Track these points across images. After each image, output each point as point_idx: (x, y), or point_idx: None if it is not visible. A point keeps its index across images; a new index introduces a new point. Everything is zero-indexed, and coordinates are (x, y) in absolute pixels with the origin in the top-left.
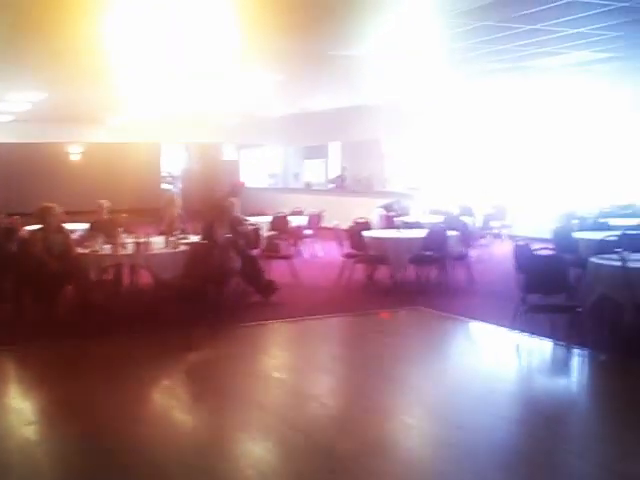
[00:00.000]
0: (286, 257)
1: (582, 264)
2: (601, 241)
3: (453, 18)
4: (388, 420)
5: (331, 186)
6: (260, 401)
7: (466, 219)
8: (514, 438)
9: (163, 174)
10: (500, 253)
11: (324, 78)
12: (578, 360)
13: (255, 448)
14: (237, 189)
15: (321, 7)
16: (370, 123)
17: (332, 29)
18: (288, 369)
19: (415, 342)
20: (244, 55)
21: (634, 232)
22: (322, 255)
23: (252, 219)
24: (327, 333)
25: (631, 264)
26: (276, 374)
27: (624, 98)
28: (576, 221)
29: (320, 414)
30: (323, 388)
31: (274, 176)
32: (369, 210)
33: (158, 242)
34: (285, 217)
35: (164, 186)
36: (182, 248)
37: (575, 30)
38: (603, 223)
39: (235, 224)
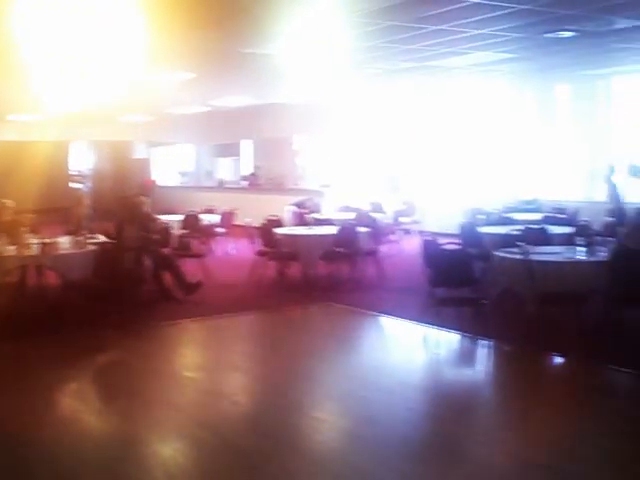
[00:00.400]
0: (198, 255)
1: (487, 258)
2: (505, 235)
3: (361, 18)
4: (300, 416)
5: (244, 184)
6: (171, 401)
7: (376, 215)
8: (423, 429)
9: (72, 173)
10: (409, 248)
11: (235, 76)
12: (483, 351)
13: (165, 449)
14: (148, 187)
15: (232, 5)
16: (282, 121)
17: (243, 27)
18: (199, 368)
19: (326, 337)
20: (154, 52)
21: (536, 226)
22: (234, 253)
23: (163, 218)
24: (239, 331)
25: (532, 257)
26: (187, 373)
27: (526, 97)
28: (482, 216)
29: (231, 412)
30: (235, 386)
31: (186, 174)
32: (281, 207)
33: (65, 242)
34: (196, 215)
35: (73, 185)
36: (90, 248)
37: (479, 31)
38: (507, 218)
39: (146, 222)
